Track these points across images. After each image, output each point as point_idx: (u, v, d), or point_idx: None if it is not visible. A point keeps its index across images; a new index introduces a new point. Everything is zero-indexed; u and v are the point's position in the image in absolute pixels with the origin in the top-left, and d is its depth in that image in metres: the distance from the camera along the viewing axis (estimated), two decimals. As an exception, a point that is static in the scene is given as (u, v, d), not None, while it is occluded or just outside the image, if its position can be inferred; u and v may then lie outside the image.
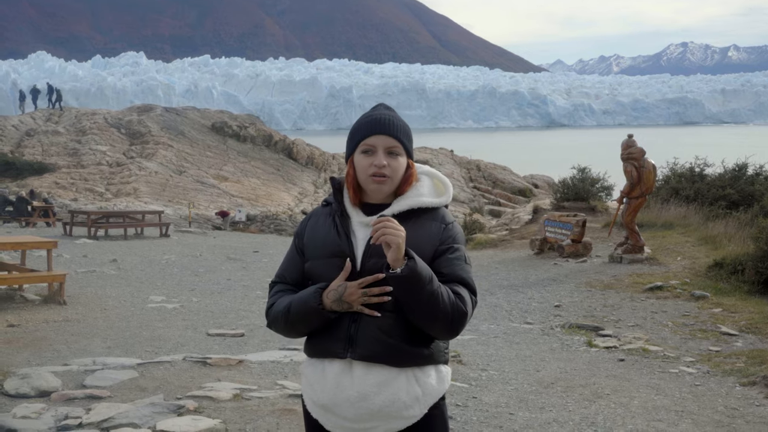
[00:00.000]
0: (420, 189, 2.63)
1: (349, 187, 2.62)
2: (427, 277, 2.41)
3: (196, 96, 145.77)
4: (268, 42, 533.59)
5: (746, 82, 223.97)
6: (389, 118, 2.62)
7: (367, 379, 2.49)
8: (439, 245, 2.56)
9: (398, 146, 2.58)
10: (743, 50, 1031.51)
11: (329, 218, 2.64)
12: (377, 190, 2.58)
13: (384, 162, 2.55)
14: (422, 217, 2.59)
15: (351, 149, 2.63)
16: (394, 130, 2.59)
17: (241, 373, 6.86)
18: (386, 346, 2.49)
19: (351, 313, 2.52)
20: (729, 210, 17.56)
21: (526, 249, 17.18)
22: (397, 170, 2.58)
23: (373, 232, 2.42)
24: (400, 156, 2.59)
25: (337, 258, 2.56)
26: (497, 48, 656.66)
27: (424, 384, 2.53)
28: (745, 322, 9.31)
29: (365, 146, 2.58)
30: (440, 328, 2.48)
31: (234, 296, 12.17)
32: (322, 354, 2.57)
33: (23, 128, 42.55)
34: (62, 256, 15.90)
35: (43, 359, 7.35)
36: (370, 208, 2.60)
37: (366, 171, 2.56)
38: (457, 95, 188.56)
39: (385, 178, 2.56)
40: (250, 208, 33.64)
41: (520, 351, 8.31)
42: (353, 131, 2.65)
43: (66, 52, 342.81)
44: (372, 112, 2.66)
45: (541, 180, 44.62)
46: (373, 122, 2.60)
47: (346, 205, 2.63)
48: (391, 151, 2.57)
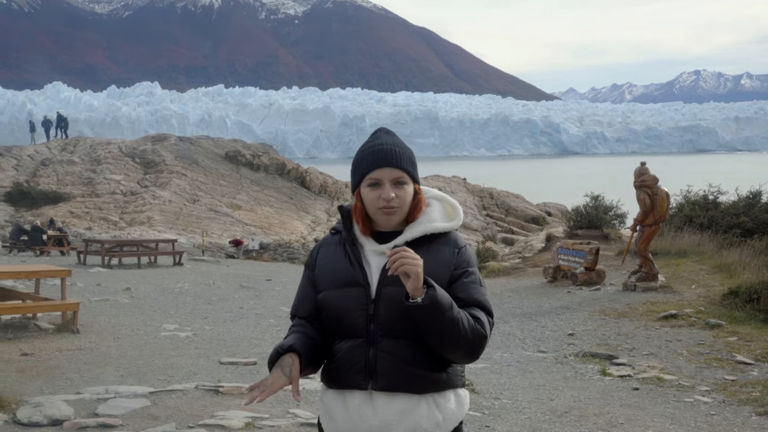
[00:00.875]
0: (431, 214, 2.62)
1: (358, 219, 2.61)
2: (447, 303, 2.41)
3: (210, 125, 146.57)
4: (282, 71, 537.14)
5: (759, 109, 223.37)
6: (391, 148, 2.59)
7: (389, 408, 2.49)
8: (454, 270, 2.56)
9: (404, 176, 2.57)
10: (756, 78, 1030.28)
11: (340, 247, 2.64)
12: (387, 221, 2.57)
13: (392, 194, 2.53)
14: (435, 242, 2.58)
15: (356, 182, 2.62)
16: (398, 160, 2.57)
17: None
18: (406, 374, 2.49)
19: (368, 342, 2.52)
20: (743, 238, 17.45)
21: (540, 277, 17.12)
22: (405, 199, 2.56)
23: (389, 263, 2.41)
24: (406, 185, 2.57)
25: (351, 287, 2.55)
26: (509, 76, 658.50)
27: (444, 409, 2.53)
28: (761, 351, 9.23)
29: (371, 180, 2.56)
30: (462, 352, 2.49)
31: (247, 324, 12.16)
32: (342, 385, 2.57)
33: (39, 158, 42.89)
34: (76, 284, 15.95)
35: (55, 388, 7.36)
36: (382, 236, 2.59)
37: (374, 204, 2.55)
38: (470, 123, 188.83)
39: (395, 208, 2.55)
40: (264, 237, 33.69)
41: (534, 380, 8.26)
42: (356, 164, 2.63)
43: (82, 82, 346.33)
44: (373, 142, 2.63)
45: (554, 208, 44.53)
46: (376, 154, 2.58)
47: (357, 234, 2.62)
48: (397, 182, 2.56)
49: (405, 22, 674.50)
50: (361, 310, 2.53)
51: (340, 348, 2.58)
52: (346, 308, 2.54)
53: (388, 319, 2.50)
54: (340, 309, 2.56)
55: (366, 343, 2.52)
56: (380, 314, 2.51)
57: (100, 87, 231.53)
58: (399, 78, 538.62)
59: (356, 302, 2.54)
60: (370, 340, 2.52)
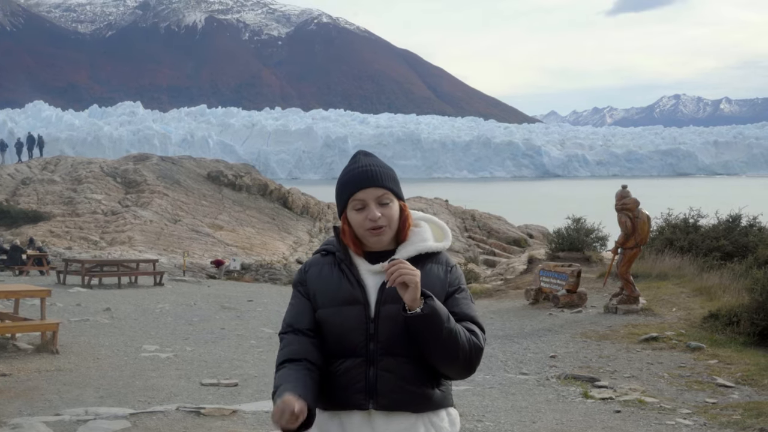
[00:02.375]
0: (423, 234, 2.65)
1: (349, 242, 2.62)
2: (445, 315, 2.44)
3: (192, 145, 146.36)
4: (265, 92, 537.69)
5: (738, 134, 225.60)
6: (372, 168, 2.61)
7: (388, 428, 2.50)
8: (448, 287, 2.60)
9: (387, 194, 2.59)
10: (735, 102, 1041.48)
11: (335, 267, 2.63)
12: (377, 242, 2.59)
13: (378, 214, 2.55)
14: (427, 262, 2.61)
15: (342, 207, 2.63)
16: (380, 180, 2.59)
17: (235, 423, 6.80)
18: (407, 393, 2.50)
19: (368, 361, 2.51)
20: (723, 261, 17.58)
21: (521, 299, 17.15)
22: (392, 217, 2.59)
23: (387, 276, 2.42)
24: (391, 203, 2.60)
25: (350, 306, 2.55)
26: (492, 99, 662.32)
27: (439, 428, 2.55)
28: (741, 374, 9.27)
29: (356, 202, 2.58)
30: (460, 366, 2.51)
31: (228, 345, 12.10)
32: (340, 406, 2.55)
33: (19, 177, 42.65)
34: (55, 304, 15.81)
35: (34, 409, 7.28)
36: (374, 256, 2.61)
37: (362, 226, 2.57)
38: (452, 145, 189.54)
39: (383, 228, 2.57)
40: (245, 257, 33.58)
41: (516, 402, 8.26)
42: (340, 188, 2.64)
43: (63, 101, 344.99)
44: (353, 165, 2.65)
45: (535, 230, 44.68)
46: (358, 176, 2.60)
47: (351, 254, 2.63)
48: (381, 201, 2.58)
49: (388, 44, 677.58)
50: (361, 329, 2.53)
51: (338, 368, 2.56)
52: (346, 327, 2.54)
53: (389, 338, 2.50)
54: (340, 328, 2.55)
55: (366, 362, 2.52)
56: (380, 333, 2.51)
57: (82, 106, 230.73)
58: (382, 100, 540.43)
59: (355, 321, 2.53)
60: (369, 359, 2.52)
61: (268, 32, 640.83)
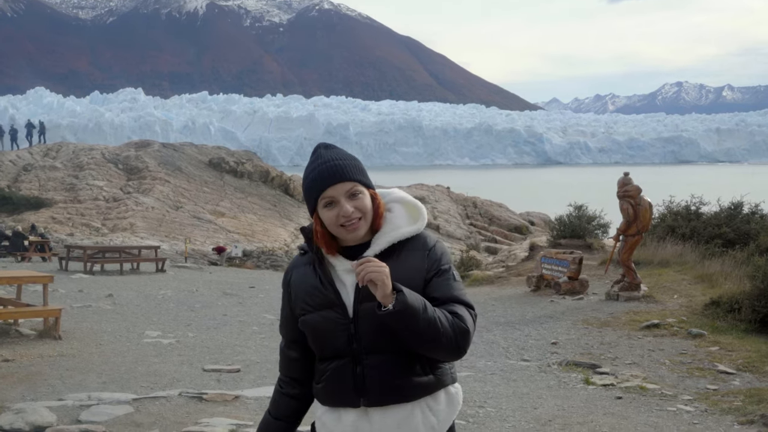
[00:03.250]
0: (395, 221, 2.58)
1: (322, 243, 2.56)
2: (420, 306, 2.38)
3: (194, 132, 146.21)
4: (266, 79, 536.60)
5: (741, 121, 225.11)
6: (335, 162, 2.53)
7: (385, 420, 2.50)
8: (427, 273, 2.53)
9: (356, 185, 2.52)
10: (737, 90, 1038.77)
11: (309, 267, 2.60)
12: (354, 237, 2.54)
13: (350, 209, 2.49)
14: (404, 249, 2.55)
15: (312, 206, 2.56)
16: (347, 173, 2.52)
17: (237, 409, 6.82)
18: (396, 387, 2.49)
19: (353, 360, 2.50)
20: (725, 248, 17.57)
21: (523, 286, 17.17)
22: (365, 209, 2.52)
23: (356, 276, 2.38)
24: (361, 194, 2.53)
25: (327, 309, 2.53)
26: (493, 86, 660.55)
27: (437, 412, 2.54)
28: (742, 361, 9.29)
29: (326, 199, 2.51)
30: (446, 351, 2.47)
31: (230, 332, 12.13)
32: (335, 403, 2.56)
33: (20, 163, 42.63)
34: (58, 291, 15.85)
35: (38, 394, 7.31)
36: (351, 251, 2.55)
37: (335, 222, 2.51)
38: (454, 133, 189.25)
39: (357, 221, 2.51)
40: (247, 244, 33.60)
41: (517, 388, 8.28)
42: (308, 189, 2.56)
43: (64, 88, 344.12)
44: (316, 161, 2.56)
45: (537, 217, 44.66)
46: (324, 173, 2.52)
47: (325, 255, 2.58)
48: (351, 194, 2.51)
49: (390, 31, 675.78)
50: (342, 331, 2.51)
51: (326, 369, 2.56)
52: (326, 329, 2.52)
53: (370, 336, 2.48)
54: (320, 331, 2.53)
55: (351, 362, 2.51)
56: (361, 332, 2.49)
57: (84, 93, 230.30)
58: (383, 86, 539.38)
59: (335, 323, 2.51)
60: (355, 359, 2.50)
61: (269, 18, 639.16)
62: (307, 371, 2.68)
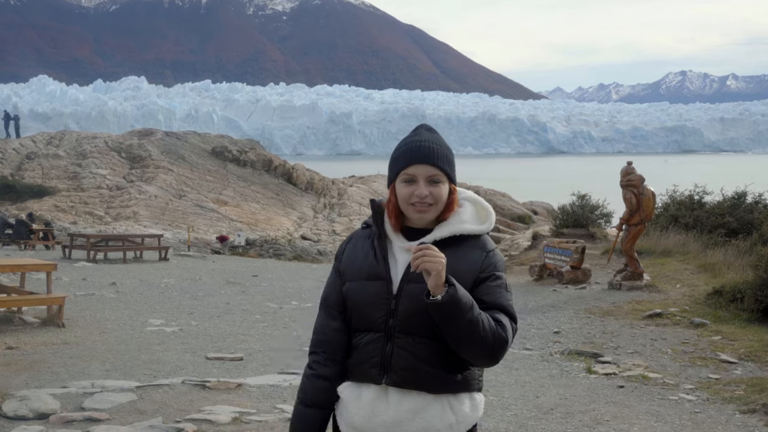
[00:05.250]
0: (462, 216, 2.61)
1: (391, 215, 2.60)
2: (467, 304, 2.39)
3: (197, 120, 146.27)
4: (269, 67, 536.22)
5: (744, 111, 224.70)
6: (430, 145, 2.57)
7: (402, 405, 2.49)
8: (480, 273, 2.54)
9: (440, 174, 2.56)
10: (742, 79, 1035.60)
11: (368, 240, 2.63)
12: (420, 218, 2.57)
13: (426, 192, 2.53)
14: (463, 244, 2.57)
15: (392, 177, 2.61)
16: (434, 158, 2.55)
17: (240, 397, 6.84)
18: (420, 373, 2.49)
19: (386, 336, 2.52)
20: (728, 238, 17.56)
21: (525, 275, 17.18)
22: (439, 197, 2.55)
23: (412, 260, 2.40)
24: (441, 183, 2.56)
25: (373, 281, 2.55)
26: (497, 75, 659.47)
27: (458, 412, 2.52)
28: (745, 350, 9.30)
29: (406, 176, 2.55)
30: (480, 354, 2.47)
31: (233, 320, 12.15)
32: (359, 378, 2.57)
33: (24, 151, 42.65)
34: (61, 279, 15.88)
35: (41, 381, 7.34)
36: (413, 233, 2.58)
37: (408, 200, 2.54)
38: (457, 122, 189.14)
39: (428, 206, 2.54)
40: (250, 233, 33.63)
41: (520, 377, 8.30)
42: (394, 159, 2.61)
43: (67, 76, 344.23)
44: (413, 137, 2.61)
45: (540, 207, 44.66)
46: (414, 150, 2.56)
47: (387, 229, 2.61)
48: (432, 180, 2.55)
49: (393, 20, 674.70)
50: (382, 305, 2.53)
51: (359, 342, 2.59)
52: (367, 301, 2.55)
53: (407, 316, 2.49)
54: (362, 301, 2.56)
55: (384, 337, 2.52)
56: (400, 310, 2.51)
57: (87, 81, 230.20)
58: (386, 75, 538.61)
59: (377, 296, 2.54)
60: (388, 335, 2.52)
61: (272, 7, 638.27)
62: (344, 347, 2.64)
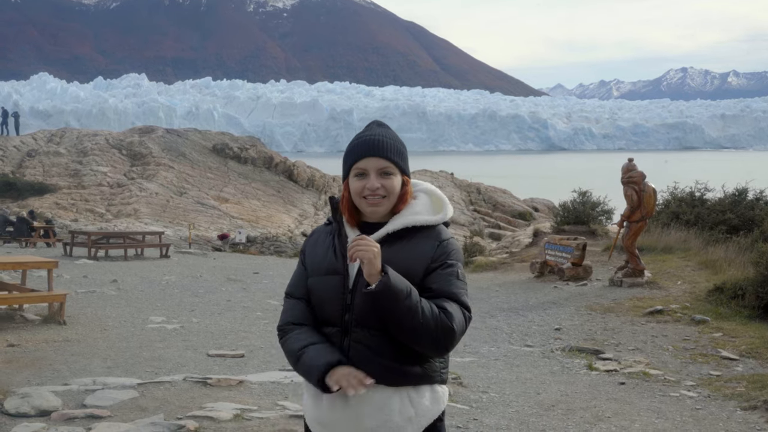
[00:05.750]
0: (415, 207, 2.62)
1: (345, 209, 2.63)
2: (403, 291, 2.40)
3: (197, 118, 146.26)
4: (270, 64, 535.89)
5: (746, 107, 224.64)
6: (380, 138, 2.61)
7: (362, 399, 2.50)
8: (432, 262, 2.55)
9: (390, 166, 2.58)
10: (743, 76, 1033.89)
11: (330, 237, 2.66)
12: (373, 212, 2.59)
13: (377, 185, 2.55)
14: (417, 235, 2.58)
15: (345, 172, 2.64)
16: (385, 151, 2.58)
17: (242, 394, 6.85)
18: (378, 366, 2.50)
19: (343, 331, 2.54)
20: (729, 235, 17.55)
21: (527, 272, 17.17)
22: (391, 190, 2.58)
23: (348, 252, 2.44)
24: (393, 176, 2.58)
25: (331, 276, 2.58)
26: (498, 72, 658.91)
27: (417, 405, 2.53)
28: (746, 347, 9.30)
29: (357, 170, 2.58)
30: (425, 343, 2.47)
31: (234, 317, 12.15)
32: None
33: (24, 149, 42.65)
34: (62, 276, 15.89)
35: (43, 379, 7.34)
36: (369, 228, 2.60)
37: (360, 194, 2.57)
38: (458, 118, 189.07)
39: (380, 199, 2.56)
40: (251, 230, 33.64)
41: (521, 374, 8.30)
42: (346, 154, 2.65)
43: (68, 73, 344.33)
44: (364, 133, 2.65)
45: (541, 203, 44.64)
46: (364, 145, 2.60)
47: (344, 225, 2.64)
48: (384, 172, 2.57)
49: (393, 16, 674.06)
50: (339, 299, 2.55)
51: None
52: (326, 296, 2.57)
53: (363, 309, 2.51)
54: (321, 296, 2.58)
55: (341, 332, 2.54)
56: (356, 304, 2.52)
57: (87, 78, 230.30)
58: (387, 72, 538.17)
59: (334, 291, 2.56)
60: (344, 330, 2.54)
61: (273, 4, 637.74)
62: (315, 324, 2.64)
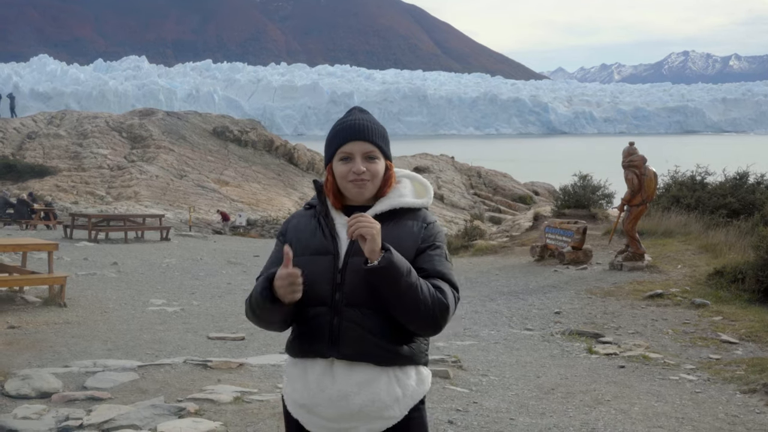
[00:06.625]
0: (401, 190, 2.67)
1: (329, 193, 2.65)
2: (405, 268, 2.44)
3: (198, 100, 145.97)
4: (270, 47, 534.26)
5: (747, 91, 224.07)
6: (364, 123, 2.65)
7: (349, 378, 2.52)
8: (421, 243, 2.59)
9: (375, 150, 2.62)
10: (744, 59, 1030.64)
11: (313, 219, 2.67)
12: (358, 194, 2.62)
13: (362, 168, 2.59)
14: (404, 217, 2.63)
15: (329, 157, 2.66)
16: (369, 135, 2.62)
17: (242, 377, 6.86)
18: (370, 344, 2.51)
19: (333, 310, 2.54)
20: (729, 218, 17.53)
21: (527, 256, 17.18)
22: (376, 173, 2.62)
23: (348, 229, 2.46)
24: (377, 159, 2.63)
25: (320, 255, 2.58)
26: (499, 55, 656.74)
27: (404, 385, 2.55)
28: (745, 331, 9.31)
29: (343, 154, 2.61)
30: (423, 321, 2.50)
31: (234, 300, 12.17)
32: (306, 354, 2.59)
33: (25, 131, 42.60)
34: (63, 258, 15.90)
35: (43, 361, 7.36)
36: (353, 210, 2.61)
37: (346, 177, 2.60)
38: (459, 102, 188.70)
39: (366, 181, 2.60)
40: (251, 213, 33.65)
41: (521, 357, 8.32)
42: (329, 139, 2.67)
43: (68, 55, 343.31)
44: (346, 118, 2.69)
45: (541, 187, 44.63)
46: (349, 129, 2.63)
47: (329, 206, 2.66)
48: (368, 156, 2.61)
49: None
50: (328, 279, 2.55)
51: (305, 315, 2.59)
52: (315, 276, 2.55)
53: (354, 288, 2.52)
54: (310, 276, 2.55)
55: (331, 311, 2.54)
56: (346, 283, 2.53)
57: (87, 60, 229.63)
58: (388, 55, 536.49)
59: (324, 270, 2.56)
60: (335, 309, 2.54)
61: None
62: None
